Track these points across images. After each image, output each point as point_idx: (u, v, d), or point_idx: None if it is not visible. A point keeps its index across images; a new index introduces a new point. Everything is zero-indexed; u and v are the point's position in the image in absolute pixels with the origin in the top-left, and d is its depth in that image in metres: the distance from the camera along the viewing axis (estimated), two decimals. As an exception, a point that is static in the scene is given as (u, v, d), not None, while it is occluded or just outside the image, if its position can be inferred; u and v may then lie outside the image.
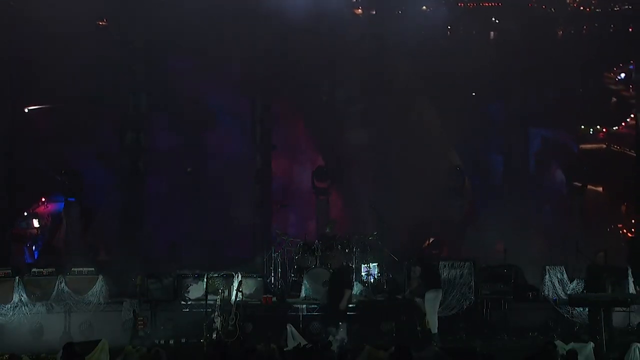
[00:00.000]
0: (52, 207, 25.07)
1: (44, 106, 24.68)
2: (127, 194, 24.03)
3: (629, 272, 17.84)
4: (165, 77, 24.27)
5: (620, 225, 24.50)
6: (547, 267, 18.68)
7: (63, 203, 24.22)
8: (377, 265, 20.20)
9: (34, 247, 24.33)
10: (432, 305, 17.25)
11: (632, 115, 24.00)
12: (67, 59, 22.54)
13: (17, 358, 13.93)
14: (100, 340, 15.69)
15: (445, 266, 18.34)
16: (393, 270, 20.21)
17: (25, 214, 24.95)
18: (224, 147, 24.59)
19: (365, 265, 20.13)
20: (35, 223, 24.97)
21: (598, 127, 25.20)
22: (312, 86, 25.07)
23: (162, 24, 22.82)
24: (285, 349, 15.74)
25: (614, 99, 24.56)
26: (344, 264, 18.38)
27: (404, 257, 19.98)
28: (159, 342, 17.50)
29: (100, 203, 24.69)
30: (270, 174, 24.84)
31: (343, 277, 17.88)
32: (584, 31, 23.55)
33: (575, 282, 18.30)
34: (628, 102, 24.45)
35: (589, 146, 25.14)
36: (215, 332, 17.26)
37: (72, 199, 23.33)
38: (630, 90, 24.35)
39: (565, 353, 13.68)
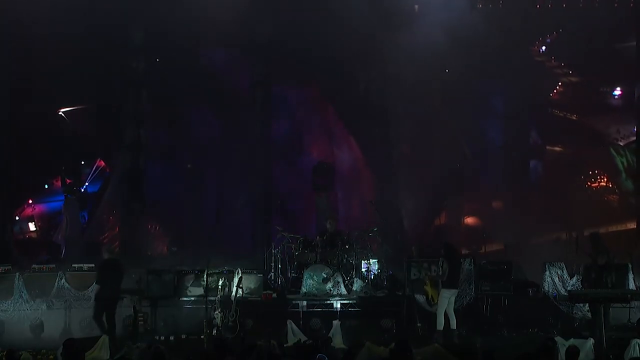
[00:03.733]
0: (39, 208, 24.90)
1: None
2: (127, 191, 24.04)
3: (629, 268, 17.89)
4: (165, 73, 24.16)
5: (582, 177, 25.48)
6: (546, 263, 18.71)
7: (57, 202, 24.30)
8: (377, 262, 20.23)
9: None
10: (444, 301, 17.26)
11: (559, 83, 25.42)
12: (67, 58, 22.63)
13: (16, 354, 13.95)
14: (100, 336, 15.97)
15: (461, 264, 18.29)
16: (393, 266, 20.25)
17: (17, 218, 24.81)
18: (224, 142, 24.56)
19: (366, 261, 20.15)
20: (32, 226, 24.85)
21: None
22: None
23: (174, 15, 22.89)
24: (285, 345, 15.87)
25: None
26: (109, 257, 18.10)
27: (404, 253, 20.08)
28: (159, 338, 17.62)
29: (100, 200, 24.73)
30: (270, 170, 24.85)
31: None
32: (500, 5, 24.01)
33: (575, 278, 18.33)
34: (553, 72, 25.48)
35: None
36: (216, 328, 17.39)
37: (71, 196, 23.38)
38: (552, 60, 25.36)
39: (565, 349, 13.70)
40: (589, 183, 25.38)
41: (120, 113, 24.11)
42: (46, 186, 24.82)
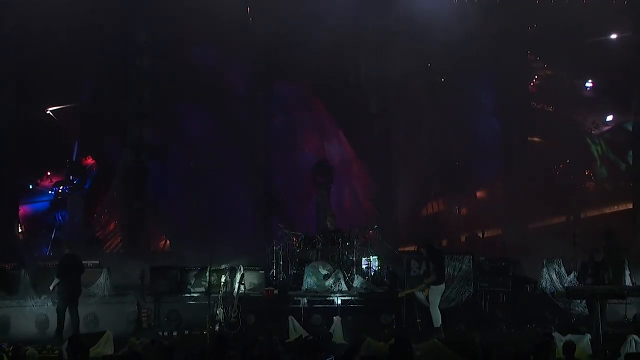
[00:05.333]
0: (23, 210, 24.64)
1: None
2: (131, 188, 24.21)
3: (626, 264, 18.04)
4: (166, 71, 24.30)
5: (561, 166, 26.29)
6: (544, 260, 18.90)
7: (42, 203, 24.35)
8: (378, 259, 20.35)
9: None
10: (437, 298, 17.41)
11: (536, 76, 26.18)
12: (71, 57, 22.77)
13: (22, 349, 14.14)
14: (104, 332, 16.01)
15: (444, 259, 18.39)
16: (393, 263, 20.40)
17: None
18: (224, 140, 24.68)
19: (366, 258, 20.26)
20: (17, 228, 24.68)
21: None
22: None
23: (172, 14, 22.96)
24: (286, 341, 16.01)
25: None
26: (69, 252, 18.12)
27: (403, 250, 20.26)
28: (163, 333, 17.76)
29: (105, 196, 24.88)
30: (270, 167, 24.99)
31: None
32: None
33: (572, 274, 18.47)
34: (530, 66, 26.05)
35: None
36: (218, 324, 17.55)
37: (77, 193, 23.57)
38: (529, 55, 25.88)
39: (562, 344, 13.84)
40: (563, 172, 26.21)
41: (122, 112, 24.28)
42: (30, 186, 24.74)
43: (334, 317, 17.81)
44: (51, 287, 17.77)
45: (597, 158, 25.87)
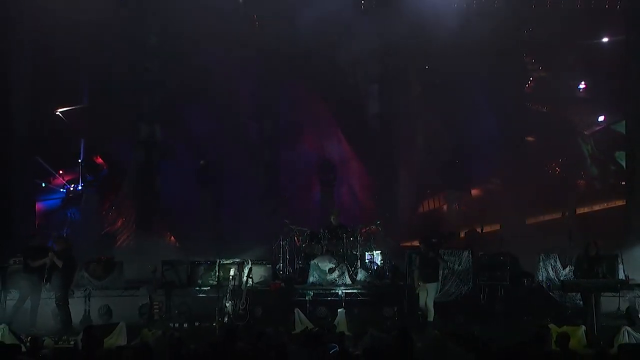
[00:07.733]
0: (38, 207, 24.86)
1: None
2: (141, 186, 24.69)
3: (619, 259, 18.48)
4: (176, 71, 24.63)
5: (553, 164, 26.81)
6: (541, 254, 19.32)
7: (54, 200, 24.79)
8: (380, 253, 20.79)
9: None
10: (432, 293, 17.90)
11: (531, 78, 26.59)
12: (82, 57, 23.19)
13: (39, 340, 14.66)
14: (118, 323, 16.40)
15: (444, 254, 18.92)
16: (395, 257, 20.85)
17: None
18: (231, 138, 25.08)
19: (369, 252, 20.69)
20: None
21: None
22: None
23: (177, 16, 23.38)
24: (292, 332, 16.46)
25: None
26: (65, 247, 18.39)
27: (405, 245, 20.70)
28: (174, 325, 18.06)
29: (116, 194, 25.31)
30: (277, 163, 25.44)
31: None
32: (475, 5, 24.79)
33: (568, 268, 18.88)
34: (526, 67, 26.50)
35: None
36: (227, 316, 17.89)
37: (90, 191, 24.04)
38: (525, 57, 26.34)
39: (557, 336, 14.27)
40: (558, 169, 26.70)
41: (132, 112, 24.70)
42: (43, 185, 24.96)
43: (338, 310, 18.16)
44: (53, 283, 17.93)
45: (588, 157, 26.44)
